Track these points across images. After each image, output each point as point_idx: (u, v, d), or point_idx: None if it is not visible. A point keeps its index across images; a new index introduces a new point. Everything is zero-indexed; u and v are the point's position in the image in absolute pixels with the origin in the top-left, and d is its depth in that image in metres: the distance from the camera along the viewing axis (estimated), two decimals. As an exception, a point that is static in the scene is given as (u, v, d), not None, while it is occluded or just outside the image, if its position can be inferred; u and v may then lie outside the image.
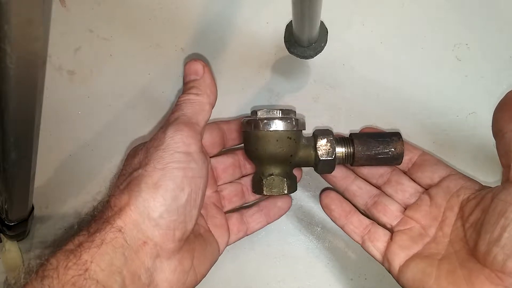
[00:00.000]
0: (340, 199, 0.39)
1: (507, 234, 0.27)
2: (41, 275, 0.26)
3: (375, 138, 0.38)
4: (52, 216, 0.44)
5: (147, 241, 0.28)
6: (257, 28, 0.44)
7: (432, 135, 0.43)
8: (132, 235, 0.28)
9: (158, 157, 0.30)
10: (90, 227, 0.29)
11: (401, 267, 0.34)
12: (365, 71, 0.44)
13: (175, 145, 0.30)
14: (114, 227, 0.28)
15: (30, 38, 0.20)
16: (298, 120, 0.36)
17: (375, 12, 0.45)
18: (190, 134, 0.31)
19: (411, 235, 0.36)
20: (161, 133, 0.32)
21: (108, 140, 0.44)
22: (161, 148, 0.30)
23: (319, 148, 0.37)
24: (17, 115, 0.25)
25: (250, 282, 0.44)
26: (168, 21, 0.44)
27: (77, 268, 0.26)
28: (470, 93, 0.44)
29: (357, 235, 0.38)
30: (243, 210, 0.40)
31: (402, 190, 0.38)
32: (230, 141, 0.40)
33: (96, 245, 0.27)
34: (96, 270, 0.26)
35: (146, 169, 0.30)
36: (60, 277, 0.26)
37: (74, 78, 0.44)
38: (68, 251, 0.27)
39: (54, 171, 0.44)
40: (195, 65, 0.35)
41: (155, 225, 0.29)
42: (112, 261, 0.27)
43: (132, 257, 0.28)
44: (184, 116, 0.33)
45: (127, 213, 0.28)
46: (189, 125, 0.32)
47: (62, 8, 0.44)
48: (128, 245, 0.28)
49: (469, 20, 0.44)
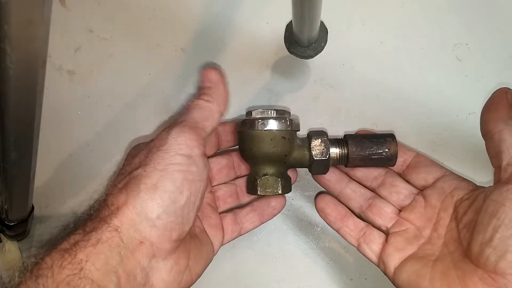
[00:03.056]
0: (335, 203, 0.39)
1: (499, 235, 0.27)
2: (35, 274, 0.26)
3: (369, 139, 0.38)
4: (52, 216, 0.44)
5: (144, 241, 0.28)
6: (257, 28, 0.44)
7: (432, 135, 0.43)
8: (129, 234, 0.28)
9: (159, 158, 0.30)
10: (86, 226, 0.28)
11: (396, 268, 0.34)
12: (365, 71, 0.44)
13: (178, 146, 0.30)
14: (111, 226, 0.28)
15: (30, 38, 0.20)
16: (292, 120, 0.36)
17: (375, 12, 0.45)
18: (194, 138, 0.31)
19: (406, 237, 0.36)
20: (165, 133, 0.32)
21: (108, 140, 0.44)
22: (163, 149, 0.30)
23: (313, 148, 0.37)
24: (17, 115, 0.25)
25: (250, 282, 0.44)
26: (168, 21, 0.44)
27: (72, 267, 0.26)
28: (470, 93, 0.44)
29: (353, 238, 0.38)
30: (236, 210, 0.40)
31: (396, 192, 0.38)
32: (225, 142, 0.40)
33: (92, 244, 0.27)
34: (91, 270, 0.26)
35: (146, 169, 0.30)
36: (54, 276, 0.25)
37: (74, 78, 0.44)
38: (63, 250, 0.27)
39: (54, 171, 0.44)
40: (211, 72, 0.35)
41: (152, 226, 0.28)
42: (108, 260, 0.27)
43: (128, 257, 0.28)
44: (191, 120, 0.32)
45: (124, 213, 0.28)
46: (194, 129, 0.32)
47: (62, 8, 0.44)
48: (124, 245, 0.28)
49: (469, 20, 0.44)
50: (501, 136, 0.29)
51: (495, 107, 0.31)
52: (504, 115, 0.30)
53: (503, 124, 0.30)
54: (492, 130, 0.30)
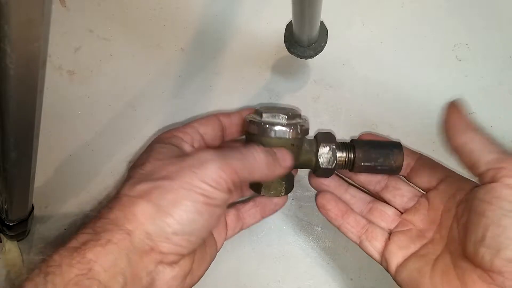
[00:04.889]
0: (336, 200, 0.39)
1: (489, 233, 0.28)
2: (44, 271, 0.26)
3: (376, 150, 0.37)
4: (52, 216, 0.44)
5: (154, 249, 0.28)
6: (257, 28, 0.44)
7: (432, 135, 0.43)
8: (140, 240, 0.28)
9: (188, 178, 0.29)
10: (96, 225, 0.28)
11: (399, 266, 0.34)
12: (365, 71, 0.44)
13: (210, 177, 0.30)
14: (123, 230, 0.28)
15: (30, 38, 0.20)
16: (303, 127, 0.36)
17: (375, 12, 0.45)
18: (232, 178, 0.30)
19: (409, 236, 0.36)
20: (204, 153, 0.31)
21: (108, 140, 0.44)
22: (196, 172, 0.29)
23: (321, 156, 0.37)
24: (17, 115, 0.25)
25: (250, 282, 0.43)
26: (168, 21, 0.44)
27: (80, 266, 0.26)
28: (470, 93, 0.44)
29: (354, 234, 0.38)
30: (239, 206, 0.40)
31: (400, 195, 0.38)
32: (230, 135, 0.40)
33: (101, 244, 0.27)
34: (99, 270, 0.26)
35: (172, 185, 0.29)
36: (63, 274, 0.25)
37: (74, 78, 0.44)
38: (72, 249, 0.27)
39: (54, 171, 0.44)
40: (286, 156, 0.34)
41: (166, 239, 0.28)
42: (116, 262, 0.27)
43: (136, 260, 0.28)
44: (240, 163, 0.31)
45: (140, 221, 0.28)
46: (233, 172, 0.30)
47: (62, 8, 0.44)
48: (134, 249, 0.28)
49: (469, 20, 0.44)
50: (470, 146, 0.30)
51: (453, 121, 0.31)
52: (463, 126, 0.31)
53: (467, 135, 0.30)
54: (460, 142, 0.30)
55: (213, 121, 0.38)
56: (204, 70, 0.44)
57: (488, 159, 0.29)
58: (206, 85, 0.44)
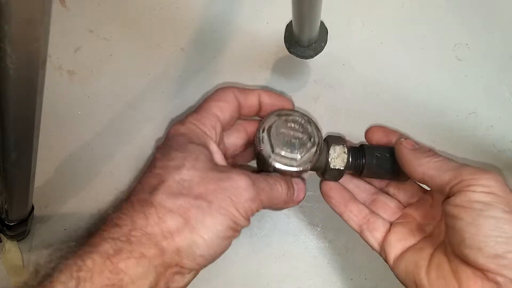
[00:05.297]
0: (340, 188, 0.39)
1: (467, 234, 0.29)
2: (75, 276, 0.26)
3: (386, 160, 0.36)
4: (52, 216, 0.44)
5: (178, 265, 0.30)
6: (257, 28, 0.44)
7: (432, 135, 0.43)
8: (171, 257, 0.29)
9: (225, 204, 0.30)
10: (131, 234, 0.28)
11: (396, 258, 0.35)
12: (365, 71, 0.44)
13: (243, 206, 0.31)
14: (157, 246, 0.28)
15: (30, 38, 0.20)
16: (319, 156, 0.35)
17: (375, 12, 0.45)
18: (257, 209, 0.32)
19: (409, 228, 0.36)
20: (239, 178, 0.31)
21: (108, 140, 0.44)
22: (232, 198, 0.31)
23: (331, 162, 0.36)
24: (17, 115, 0.25)
25: (250, 282, 0.43)
26: (168, 21, 0.44)
27: (111, 276, 0.26)
28: (470, 93, 0.44)
29: (356, 223, 0.38)
30: None
31: (404, 190, 0.38)
32: (244, 115, 0.38)
33: (135, 257, 0.27)
34: (128, 282, 0.27)
35: (211, 208, 0.30)
36: (94, 281, 0.26)
37: (74, 78, 0.44)
38: (105, 255, 0.27)
39: (54, 171, 0.44)
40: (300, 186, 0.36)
41: (192, 259, 0.30)
42: (145, 275, 0.28)
43: (161, 273, 0.29)
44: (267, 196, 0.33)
45: (175, 240, 0.29)
46: (263, 204, 0.32)
47: (62, 8, 0.44)
48: (163, 263, 0.29)
49: (469, 20, 0.44)
50: (429, 174, 0.32)
51: (404, 158, 0.34)
52: (414, 158, 0.33)
53: (421, 166, 0.32)
54: (419, 176, 0.32)
55: (229, 101, 0.36)
56: (204, 70, 0.44)
57: (446, 179, 0.31)
58: (206, 85, 0.44)
